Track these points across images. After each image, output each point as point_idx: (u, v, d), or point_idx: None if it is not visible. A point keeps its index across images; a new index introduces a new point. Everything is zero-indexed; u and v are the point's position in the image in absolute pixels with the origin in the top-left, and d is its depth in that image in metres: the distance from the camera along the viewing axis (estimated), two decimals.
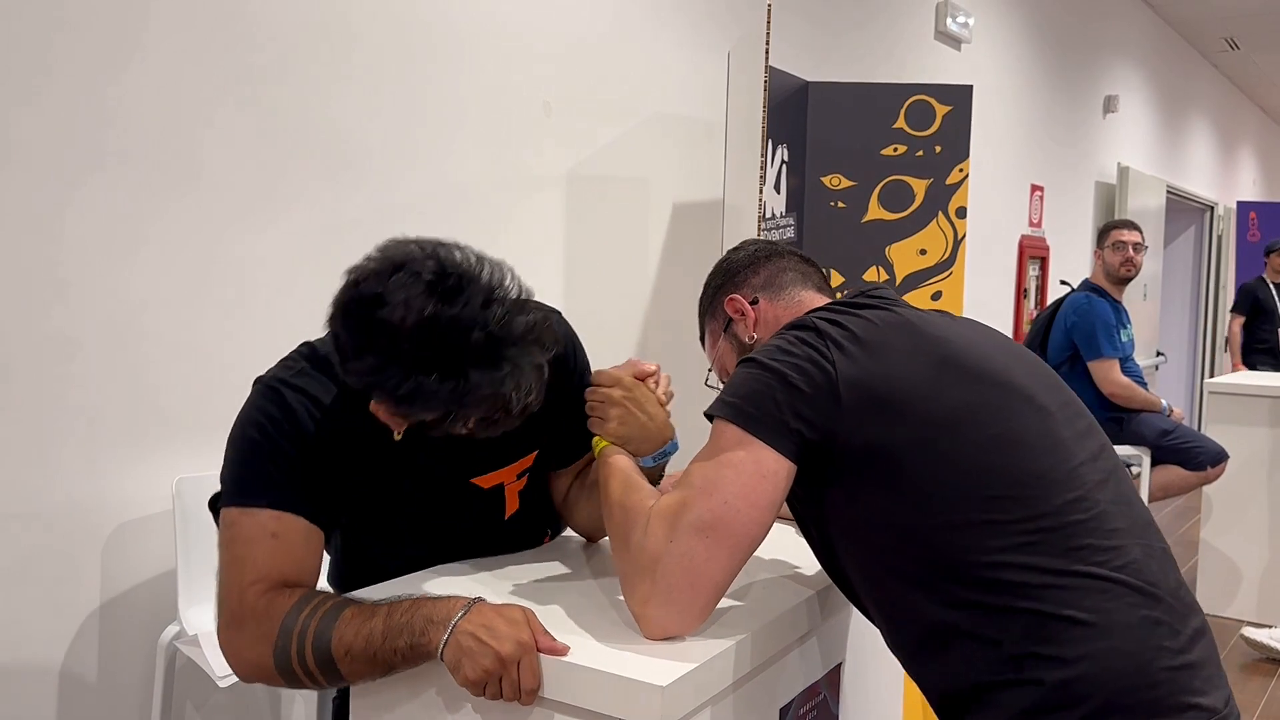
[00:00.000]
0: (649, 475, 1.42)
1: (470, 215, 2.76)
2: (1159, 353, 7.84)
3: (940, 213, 3.67)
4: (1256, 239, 7.13)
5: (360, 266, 1.21)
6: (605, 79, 3.16)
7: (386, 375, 1.16)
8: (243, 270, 2.24)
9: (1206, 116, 9.75)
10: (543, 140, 2.97)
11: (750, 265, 1.52)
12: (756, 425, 1.21)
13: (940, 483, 1.18)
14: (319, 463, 1.33)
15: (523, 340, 1.21)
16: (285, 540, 1.30)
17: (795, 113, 3.54)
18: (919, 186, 3.65)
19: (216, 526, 1.34)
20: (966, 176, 3.66)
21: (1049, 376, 1.34)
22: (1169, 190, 8.29)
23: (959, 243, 3.69)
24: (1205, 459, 4.12)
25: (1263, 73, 9.95)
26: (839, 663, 1.57)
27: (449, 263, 1.19)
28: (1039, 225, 6.29)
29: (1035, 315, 5.50)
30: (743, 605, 1.39)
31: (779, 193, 3.47)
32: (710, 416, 1.27)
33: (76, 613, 2.03)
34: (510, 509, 1.55)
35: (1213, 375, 9.34)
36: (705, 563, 1.20)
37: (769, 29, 2.96)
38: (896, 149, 3.63)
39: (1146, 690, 1.12)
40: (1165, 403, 4.24)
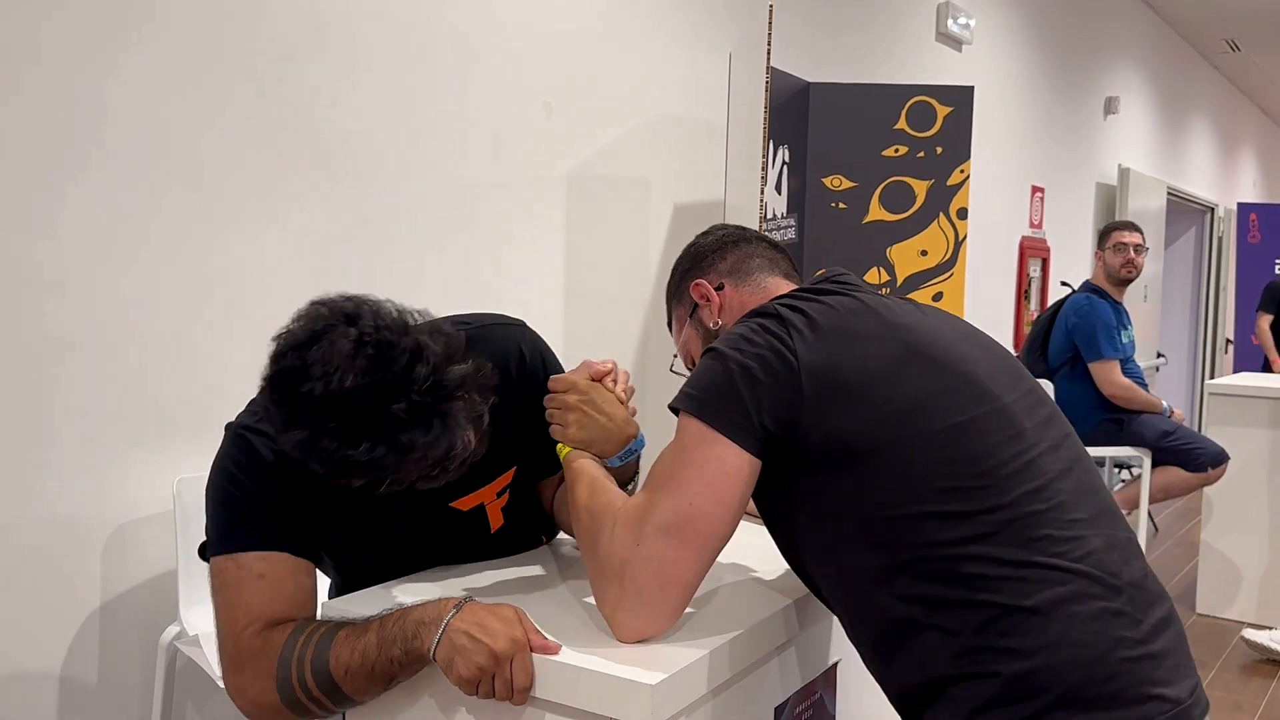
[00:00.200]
0: (619, 475, 1.42)
1: (471, 216, 2.76)
2: (1159, 354, 7.84)
3: (941, 214, 3.67)
4: (1257, 240, 7.14)
5: (283, 334, 1.18)
6: (606, 80, 3.17)
7: (316, 448, 1.15)
8: (243, 270, 2.25)
9: (1207, 118, 9.75)
10: (543, 141, 2.97)
11: (717, 250, 1.51)
12: (719, 419, 1.21)
13: (899, 473, 1.17)
14: (293, 499, 1.33)
15: (455, 395, 1.19)
16: (273, 579, 1.31)
17: (796, 114, 3.55)
18: (920, 188, 3.65)
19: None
20: (967, 177, 3.66)
21: (1012, 366, 1.33)
22: (1169, 192, 8.29)
23: (960, 244, 3.69)
24: (1206, 460, 4.11)
25: (1263, 74, 9.96)
26: (836, 661, 1.56)
27: (368, 329, 1.16)
28: (1039, 226, 6.29)
29: (1036, 316, 5.50)
30: (736, 603, 1.39)
31: (780, 194, 3.47)
32: (675, 410, 1.26)
33: (77, 613, 2.03)
34: (495, 525, 1.56)
35: (1213, 376, 9.34)
36: (673, 564, 1.20)
37: (770, 30, 2.97)
38: (897, 150, 3.63)
39: (1106, 681, 1.11)
40: (1166, 404, 4.24)
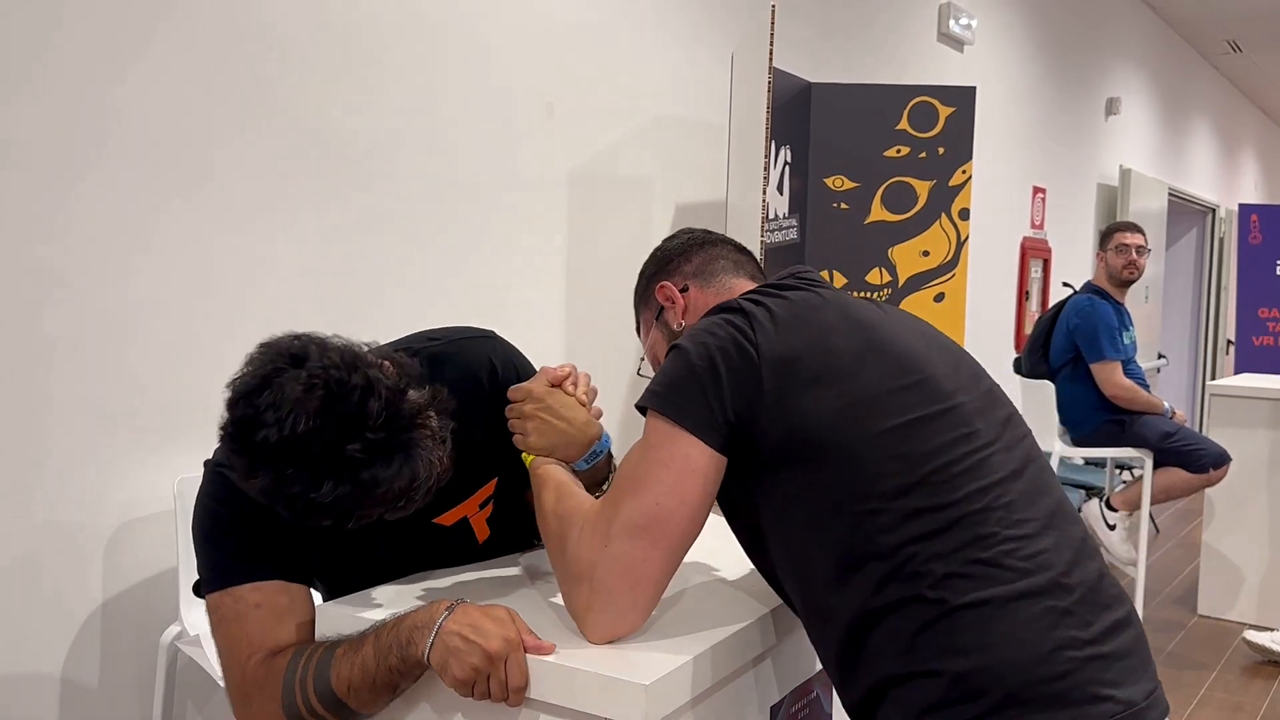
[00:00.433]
0: (589, 477, 1.41)
1: (473, 216, 2.76)
2: (1161, 355, 7.84)
3: (943, 214, 3.67)
4: (1258, 241, 7.12)
5: (234, 380, 1.18)
6: (608, 80, 3.16)
7: (280, 494, 1.16)
8: (246, 270, 2.24)
9: (1208, 119, 9.75)
10: (546, 141, 2.97)
11: (682, 253, 1.52)
12: (682, 415, 1.21)
13: (851, 469, 1.17)
14: (276, 528, 1.33)
15: (412, 425, 1.19)
16: (269, 607, 1.33)
17: (798, 114, 3.54)
18: (922, 188, 3.65)
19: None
20: (969, 178, 3.66)
21: (970, 367, 1.33)
22: (1171, 193, 8.29)
23: (962, 244, 3.69)
24: (1207, 461, 4.11)
25: (1265, 75, 9.96)
26: None
27: (316, 370, 1.15)
28: (1041, 227, 6.28)
29: (1037, 317, 5.49)
30: (731, 601, 1.39)
31: (782, 194, 3.47)
32: (641, 408, 1.26)
33: (78, 612, 2.03)
34: (482, 537, 1.56)
35: (1214, 377, 9.34)
36: (641, 564, 1.20)
37: (773, 30, 2.96)
38: (899, 150, 3.63)
39: (1051, 682, 1.10)
40: (1168, 405, 4.23)
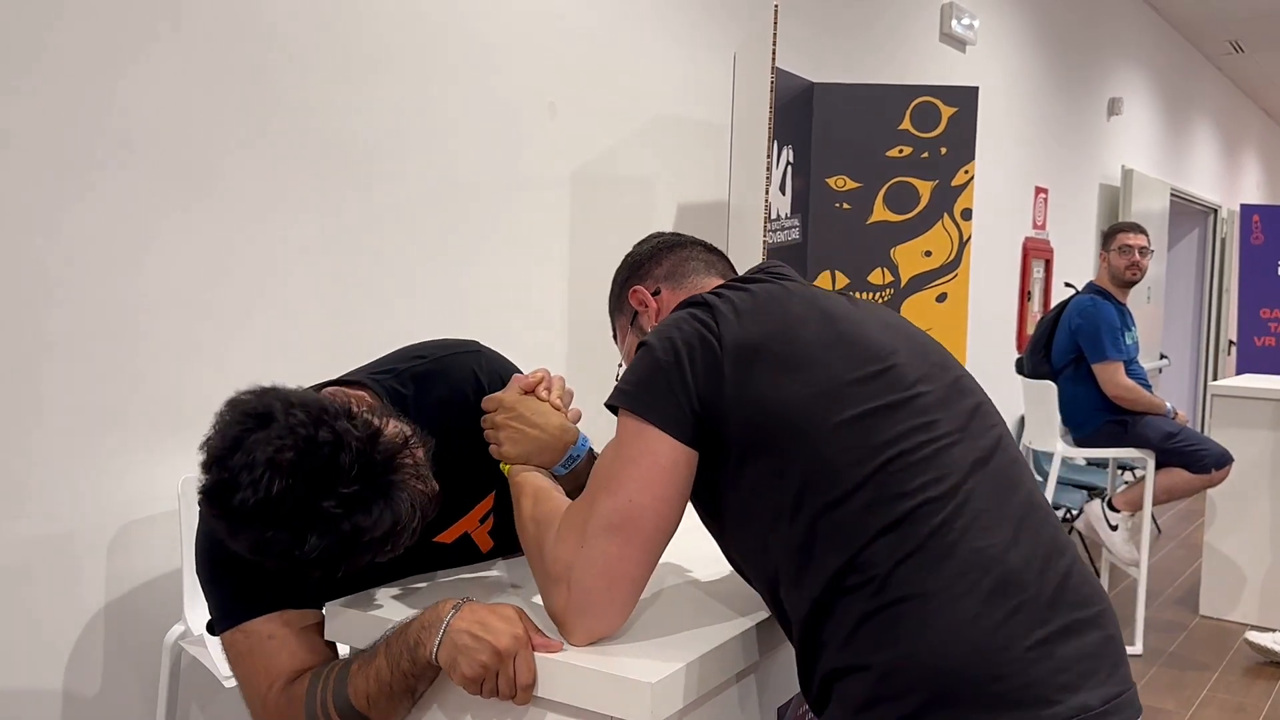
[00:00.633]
0: (570, 482, 1.41)
1: (476, 216, 2.76)
2: (1162, 355, 7.84)
3: (946, 214, 3.67)
4: (1260, 242, 7.11)
5: (205, 443, 1.18)
6: (610, 80, 3.16)
7: (267, 552, 1.16)
8: (250, 271, 2.24)
9: (1210, 119, 9.75)
10: (548, 141, 2.97)
11: (654, 257, 1.51)
12: (651, 411, 1.21)
13: (815, 460, 1.16)
14: None
15: (389, 468, 1.19)
16: (282, 637, 1.33)
17: (800, 114, 3.54)
18: (924, 188, 3.65)
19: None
20: (972, 178, 3.65)
21: (938, 356, 1.31)
22: (1173, 193, 8.29)
23: (964, 244, 3.69)
24: (1210, 462, 4.10)
25: (1267, 75, 9.95)
26: None
27: (282, 430, 1.14)
28: (1043, 227, 6.28)
29: (1039, 318, 5.49)
30: (737, 600, 1.39)
31: (784, 194, 3.47)
32: (612, 407, 1.26)
33: (82, 612, 2.03)
34: (485, 549, 1.56)
35: (1216, 378, 9.34)
36: (618, 562, 1.19)
37: (776, 30, 2.96)
38: (902, 150, 3.63)
39: (990, 682, 1.07)
40: (1170, 405, 4.23)
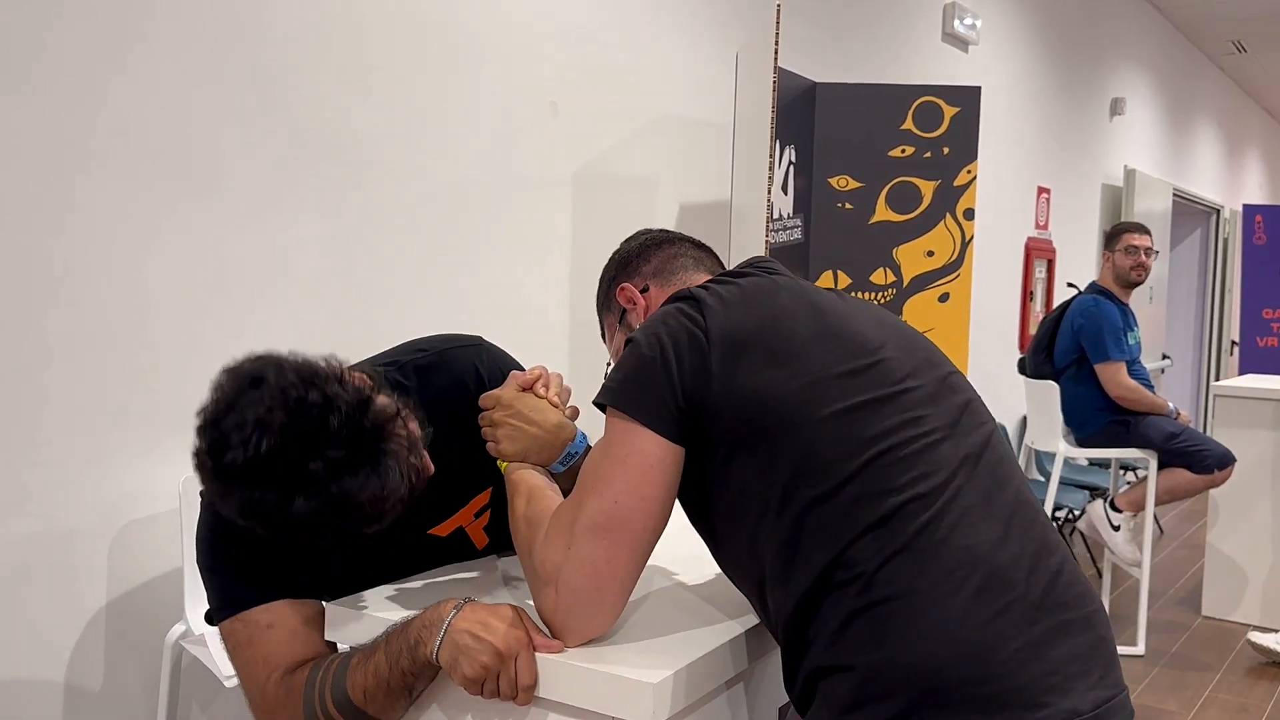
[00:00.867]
0: (567, 480, 1.40)
1: (478, 216, 2.76)
2: (1165, 355, 7.83)
3: (948, 214, 3.66)
4: (1263, 242, 7.10)
5: (201, 410, 1.20)
6: (612, 80, 3.16)
7: (253, 513, 1.16)
8: (252, 270, 2.24)
9: (1213, 119, 9.74)
10: (550, 141, 2.97)
11: (641, 254, 1.51)
12: (637, 409, 1.20)
13: (803, 454, 1.15)
14: (276, 550, 1.34)
15: (378, 435, 1.19)
16: (281, 626, 1.34)
17: (803, 114, 3.54)
18: (927, 188, 3.64)
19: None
20: (974, 178, 3.65)
21: (927, 352, 1.30)
22: (1175, 193, 8.28)
23: (967, 244, 3.68)
24: (1212, 462, 4.10)
25: (1269, 76, 9.94)
26: None
27: (274, 391, 1.17)
28: (1045, 228, 6.28)
29: (1042, 318, 5.49)
30: (739, 601, 1.38)
31: (786, 194, 3.46)
32: (600, 405, 1.25)
33: (83, 611, 2.03)
34: (481, 544, 1.56)
35: (1218, 378, 9.33)
36: (606, 564, 1.18)
37: (778, 30, 2.96)
38: (904, 150, 3.63)
39: (979, 683, 1.06)
40: (1172, 405, 4.23)
